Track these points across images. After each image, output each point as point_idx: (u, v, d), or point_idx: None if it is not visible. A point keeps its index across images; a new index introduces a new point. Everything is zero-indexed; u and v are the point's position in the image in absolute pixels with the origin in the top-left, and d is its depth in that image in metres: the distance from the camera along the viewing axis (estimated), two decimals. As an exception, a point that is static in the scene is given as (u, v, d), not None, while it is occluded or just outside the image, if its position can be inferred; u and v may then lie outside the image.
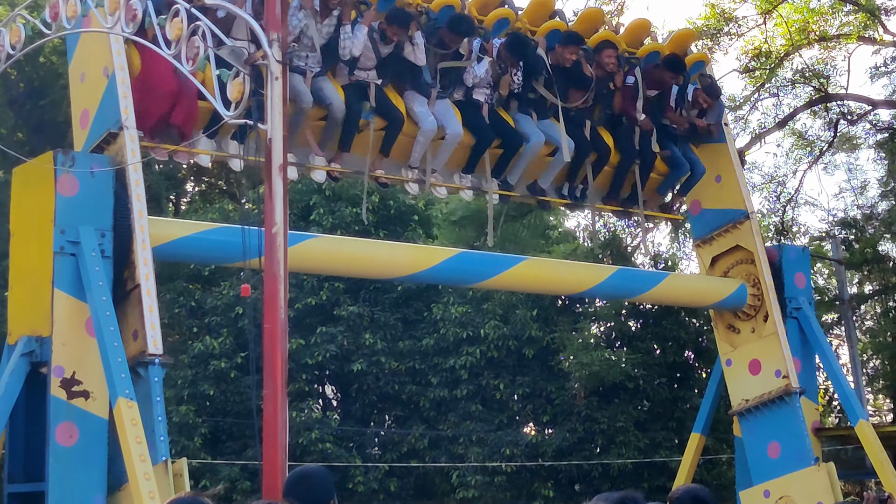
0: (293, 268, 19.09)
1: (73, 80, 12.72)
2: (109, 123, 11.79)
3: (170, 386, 28.74)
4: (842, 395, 16.91)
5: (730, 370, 16.61)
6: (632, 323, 30.77)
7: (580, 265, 19.09)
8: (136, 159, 11.65)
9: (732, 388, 16.58)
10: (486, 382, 29.14)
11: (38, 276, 11.60)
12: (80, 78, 12.40)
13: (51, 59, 33.12)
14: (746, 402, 16.17)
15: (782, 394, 15.67)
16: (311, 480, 6.26)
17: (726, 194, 16.27)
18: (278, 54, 8.41)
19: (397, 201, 31.16)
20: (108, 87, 11.76)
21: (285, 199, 8.46)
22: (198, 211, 33.56)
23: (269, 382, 8.25)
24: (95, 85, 12.01)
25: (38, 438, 11.44)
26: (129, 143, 11.61)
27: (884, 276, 30.92)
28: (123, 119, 11.57)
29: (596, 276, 16.64)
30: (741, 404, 16.25)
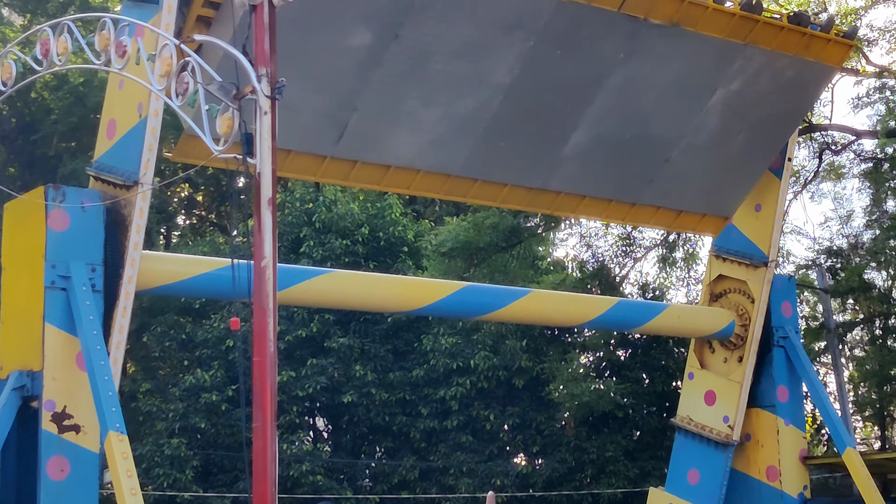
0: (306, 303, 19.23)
1: (112, 83, 12.55)
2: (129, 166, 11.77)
3: (161, 419, 28.68)
4: (829, 422, 16.97)
5: (689, 383, 16.85)
6: (620, 352, 30.75)
7: (583, 297, 19.14)
8: (142, 220, 11.72)
9: (684, 400, 16.85)
10: (477, 413, 29.10)
11: (29, 311, 11.59)
12: (118, 85, 12.26)
13: (42, 95, 33.14)
14: (691, 421, 16.43)
15: (722, 440, 16.00)
16: None
17: (758, 228, 16.31)
18: (267, 89, 8.42)
19: (387, 233, 31.19)
20: (136, 126, 11.73)
21: (274, 233, 8.46)
22: (188, 244, 33.51)
23: (258, 415, 8.23)
24: (128, 110, 11.95)
25: (29, 472, 11.40)
26: (140, 202, 11.67)
27: (870, 305, 30.96)
28: (141, 175, 11.63)
29: (598, 307, 16.73)
30: (685, 420, 16.52)
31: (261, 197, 8.42)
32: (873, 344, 31.94)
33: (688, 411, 16.77)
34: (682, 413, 16.86)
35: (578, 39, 13.87)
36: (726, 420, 16.19)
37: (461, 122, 14.21)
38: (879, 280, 31.37)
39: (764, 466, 16.21)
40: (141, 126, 11.61)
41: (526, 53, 13.71)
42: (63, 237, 11.50)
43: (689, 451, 16.60)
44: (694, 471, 16.41)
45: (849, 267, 30.10)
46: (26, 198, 11.91)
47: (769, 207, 16.26)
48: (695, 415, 16.61)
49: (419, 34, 13.08)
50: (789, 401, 16.33)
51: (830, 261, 30.21)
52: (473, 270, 27.19)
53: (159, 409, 29.09)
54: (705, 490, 16.16)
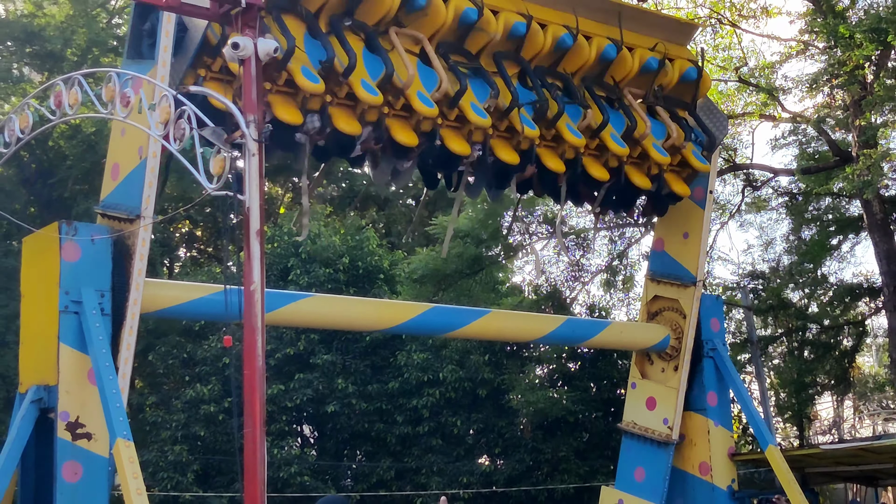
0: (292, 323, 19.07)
1: (115, 130, 12.43)
2: (132, 203, 11.72)
3: (165, 428, 28.55)
4: (753, 423, 16.98)
5: (632, 392, 16.89)
6: (571, 365, 30.81)
7: (536, 316, 19.12)
8: (144, 249, 11.66)
9: (628, 407, 16.89)
10: (445, 420, 29.06)
11: (45, 333, 11.51)
12: (120, 132, 12.16)
13: (58, 143, 33.04)
14: (635, 425, 16.48)
15: (663, 440, 16.04)
16: None
17: (687, 253, 16.30)
18: (255, 134, 8.40)
19: (365, 262, 31.20)
20: (138, 167, 11.68)
21: (262, 261, 8.42)
22: (188, 273, 33.41)
23: (248, 422, 8.19)
24: (130, 153, 11.89)
25: (46, 476, 11.32)
26: (142, 233, 11.61)
27: (788, 321, 31.13)
28: (143, 209, 11.56)
29: (550, 325, 16.72)
30: (630, 424, 16.58)
31: (249, 229, 8.40)
32: (791, 355, 32.12)
33: (632, 417, 16.78)
34: (627, 419, 16.86)
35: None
36: (666, 422, 16.20)
37: None
38: (796, 299, 31.57)
39: (697, 463, 16.20)
40: (141, 166, 11.57)
41: None
42: (75, 267, 11.45)
43: (634, 452, 16.59)
44: (640, 469, 16.41)
45: (769, 288, 30.31)
46: (42, 232, 11.85)
47: (695, 235, 16.29)
48: (638, 419, 16.63)
49: None
50: (718, 405, 16.34)
51: (753, 283, 30.40)
52: (441, 294, 27.21)
53: (164, 419, 28.98)
54: (650, 486, 16.16)
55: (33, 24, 33.24)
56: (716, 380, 16.38)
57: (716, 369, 16.43)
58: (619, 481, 16.76)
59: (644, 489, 16.17)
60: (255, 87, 8.57)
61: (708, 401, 16.27)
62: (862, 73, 21.23)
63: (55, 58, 32.07)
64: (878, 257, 24.23)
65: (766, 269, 31.00)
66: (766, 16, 27.05)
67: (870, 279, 29.85)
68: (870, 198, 23.19)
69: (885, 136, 20.33)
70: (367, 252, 31.71)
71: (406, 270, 29.61)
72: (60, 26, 33.22)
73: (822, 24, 20.74)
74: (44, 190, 33.22)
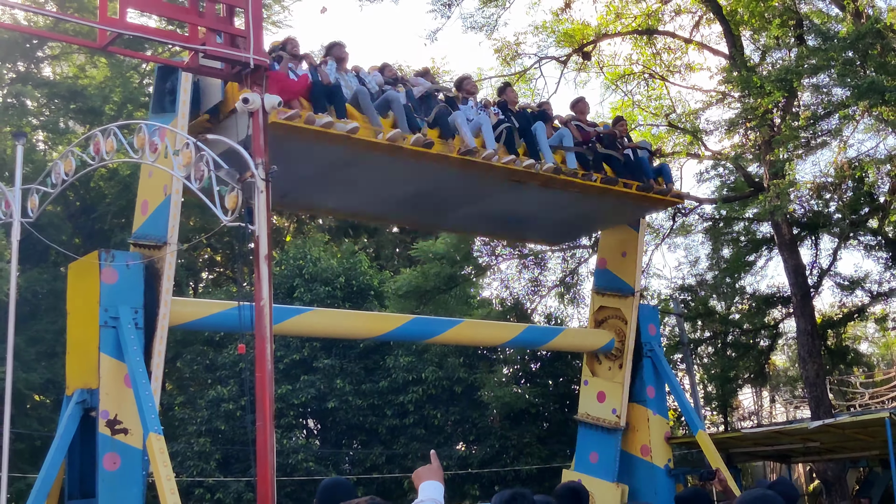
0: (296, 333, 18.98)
1: (143, 173, 12.41)
2: (159, 232, 11.69)
3: (191, 423, 28.39)
4: (685, 412, 17.04)
5: (585, 388, 16.94)
6: (532, 365, 30.78)
7: (502, 324, 19.13)
8: (171, 271, 11.64)
9: (582, 401, 16.95)
10: (427, 413, 28.98)
11: (88, 344, 11.47)
12: (148, 174, 12.17)
13: (98, 184, 32.97)
14: (588, 415, 16.54)
15: (612, 426, 16.07)
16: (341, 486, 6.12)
17: (625, 269, 16.40)
18: (262, 174, 8.40)
19: (358, 281, 31.15)
20: (163, 202, 11.67)
21: (270, 281, 8.42)
22: (210, 293, 33.30)
23: (260, 416, 8.16)
24: (156, 191, 11.87)
25: (89, 465, 11.26)
26: (169, 258, 11.59)
27: (713, 326, 31.22)
28: (169, 237, 11.57)
29: (513, 331, 16.78)
30: (584, 416, 16.63)
31: (259, 254, 8.38)
32: (716, 354, 32.20)
33: (585, 409, 16.80)
34: (582, 411, 16.88)
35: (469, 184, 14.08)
36: (614, 412, 16.22)
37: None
38: (719, 308, 31.65)
39: (639, 446, 16.23)
40: (167, 201, 11.56)
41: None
42: (113, 288, 11.42)
43: (589, 439, 16.60)
44: (594, 453, 16.43)
45: (697, 298, 30.39)
46: (85, 260, 11.83)
47: (632, 253, 16.40)
48: (591, 411, 16.64)
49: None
50: (656, 397, 16.39)
51: (683, 294, 30.46)
52: (422, 307, 27.17)
53: (190, 416, 28.80)
54: (603, 466, 16.19)
55: (77, 84, 33.19)
56: (654, 376, 16.45)
57: (653, 367, 16.50)
58: (577, 464, 16.76)
59: (598, 470, 16.20)
60: (263, 135, 8.58)
61: (647, 393, 16.32)
62: (771, 116, 21.39)
63: (95, 112, 32.00)
64: (787, 271, 24.33)
65: (694, 283, 31.08)
66: (690, 71, 27.31)
67: (781, 289, 29.98)
68: (780, 220, 23.31)
69: (791, 168, 20.43)
70: (360, 272, 31.66)
71: (392, 288, 29.57)
72: (99, 86, 33.19)
73: (737, 77, 20.87)
74: (86, 224, 33.10)
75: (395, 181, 13.57)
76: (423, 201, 14.68)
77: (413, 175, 13.22)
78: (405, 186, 13.84)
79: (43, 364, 28.53)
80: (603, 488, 16.00)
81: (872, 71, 17.58)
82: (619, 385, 16.28)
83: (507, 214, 15.59)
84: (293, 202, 14.72)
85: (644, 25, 26.26)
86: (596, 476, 16.18)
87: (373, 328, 15.18)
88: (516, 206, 15.01)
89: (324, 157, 12.24)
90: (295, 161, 11.78)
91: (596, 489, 15.91)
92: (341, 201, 14.54)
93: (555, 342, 16.92)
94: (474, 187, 13.97)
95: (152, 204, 11.97)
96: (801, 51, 20.34)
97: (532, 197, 14.51)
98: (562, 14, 26.65)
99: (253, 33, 8.68)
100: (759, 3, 22.85)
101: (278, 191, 11.01)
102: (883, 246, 26.43)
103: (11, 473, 11.48)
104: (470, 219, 15.97)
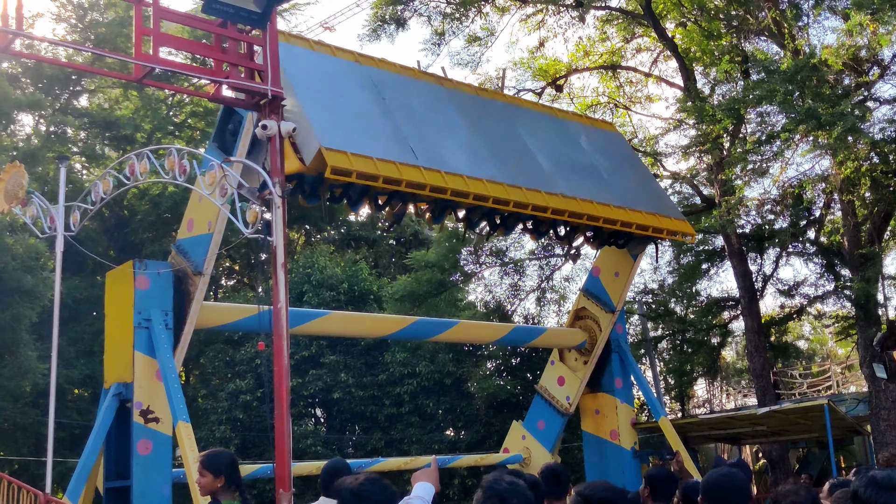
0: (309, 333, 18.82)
1: (194, 196, 11.96)
2: (198, 259, 11.57)
3: (213, 413, 28.26)
4: (649, 400, 17.01)
5: (550, 367, 16.94)
6: (513, 360, 30.74)
7: (491, 325, 19.05)
8: (201, 296, 11.57)
9: (545, 376, 17.07)
10: (421, 402, 28.91)
11: (123, 343, 11.40)
12: (198, 199, 11.85)
13: (132, 203, 32.86)
14: (546, 390, 16.65)
15: (563, 411, 16.31)
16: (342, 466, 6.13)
17: (614, 287, 16.24)
18: (279, 191, 8.34)
19: (359, 286, 31.07)
20: (207, 235, 11.52)
21: (286, 287, 8.35)
22: (229, 298, 33.19)
23: (278, 406, 8.08)
24: (202, 219, 11.70)
25: (125, 450, 11.19)
26: (202, 285, 11.54)
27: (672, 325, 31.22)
28: (205, 268, 11.50)
29: (503, 331, 16.72)
30: (543, 389, 16.82)
31: (276, 262, 8.32)
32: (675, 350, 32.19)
33: (545, 384, 16.78)
34: (543, 384, 16.87)
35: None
36: (568, 399, 16.23)
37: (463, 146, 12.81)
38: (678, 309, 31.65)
39: (608, 430, 16.18)
40: (209, 237, 11.46)
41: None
42: (146, 293, 11.36)
43: (542, 409, 16.64)
44: (542, 421, 16.51)
45: (658, 300, 30.36)
46: (120, 268, 11.77)
47: (623, 276, 16.25)
48: (549, 387, 16.64)
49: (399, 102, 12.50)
50: (623, 387, 16.35)
51: (646, 297, 30.44)
52: (416, 310, 27.08)
53: (212, 406, 28.68)
54: (546, 436, 16.34)
55: (111, 115, 33.08)
56: (620, 369, 16.41)
57: (620, 361, 16.46)
58: (526, 422, 16.83)
59: (542, 436, 16.32)
60: (280, 157, 8.52)
61: (615, 384, 16.28)
62: (721, 140, 21.41)
63: (127, 140, 31.90)
64: (736, 277, 24.33)
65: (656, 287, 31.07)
66: (650, 101, 27.36)
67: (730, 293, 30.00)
68: (730, 233, 23.33)
69: (740, 188, 20.43)
70: (361, 279, 31.60)
71: (390, 292, 29.49)
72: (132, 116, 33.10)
73: (691, 106, 20.90)
74: (120, 237, 32.98)
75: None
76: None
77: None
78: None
79: (82, 361, 28.38)
80: (540, 452, 16.17)
81: (810, 100, 17.61)
82: (579, 378, 16.25)
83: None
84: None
85: (609, 61, 26.30)
86: (538, 440, 16.34)
87: (382, 329, 15.19)
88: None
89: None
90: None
91: (535, 450, 16.23)
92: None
93: (538, 340, 16.86)
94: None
95: (198, 228, 11.84)
96: (747, 83, 20.36)
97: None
98: (536, 52, 26.70)
99: (270, 67, 8.62)
100: (709, 42, 22.92)
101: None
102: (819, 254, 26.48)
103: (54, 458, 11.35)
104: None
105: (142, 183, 10.30)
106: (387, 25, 24.51)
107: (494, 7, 25.77)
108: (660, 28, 23.17)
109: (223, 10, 8.25)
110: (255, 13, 8.37)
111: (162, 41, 8.25)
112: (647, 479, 6.25)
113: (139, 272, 11.37)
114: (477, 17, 25.98)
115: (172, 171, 9.37)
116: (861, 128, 17.14)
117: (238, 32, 8.81)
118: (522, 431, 16.74)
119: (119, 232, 33.00)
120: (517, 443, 16.79)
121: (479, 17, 26.02)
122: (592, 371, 16.27)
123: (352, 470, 5.81)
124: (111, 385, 11.35)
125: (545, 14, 25.85)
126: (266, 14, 8.45)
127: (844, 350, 40.44)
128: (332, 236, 39.76)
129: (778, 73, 17.93)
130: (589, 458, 16.37)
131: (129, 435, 11.07)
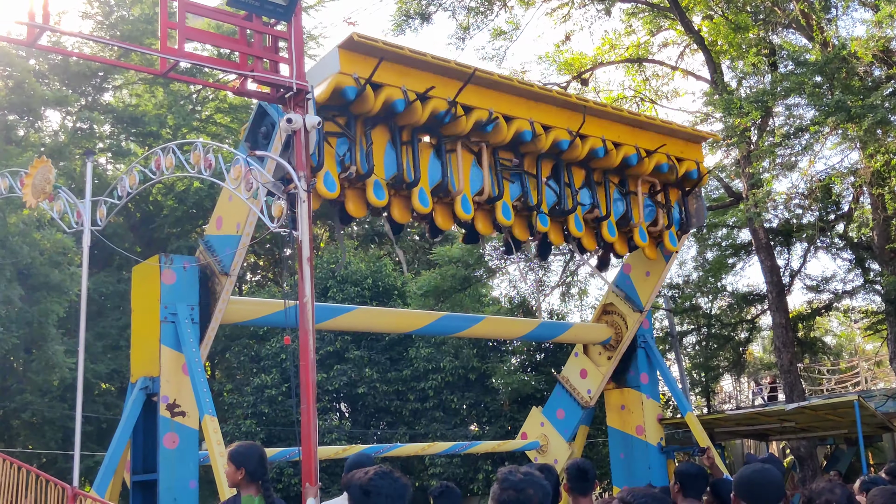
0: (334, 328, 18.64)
1: (224, 194, 11.82)
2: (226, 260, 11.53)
3: (239, 407, 28.36)
4: (675, 396, 16.82)
5: (573, 358, 16.71)
6: (538, 355, 30.65)
7: (518, 320, 18.84)
8: (227, 297, 11.50)
9: (568, 366, 16.75)
10: (445, 397, 28.88)
11: (150, 337, 11.40)
12: (228, 198, 11.67)
13: (157, 198, 33.01)
14: (568, 381, 16.42)
15: (583, 403, 16.08)
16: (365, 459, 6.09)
17: (644, 287, 16.00)
18: (304, 185, 8.30)
19: (383, 282, 31.07)
20: (235, 236, 11.46)
21: (312, 282, 8.30)
22: (254, 293, 33.30)
23: (304, 401, 8.05)
24: (231, 222, 11.60)
25: (152, 444, 11.20)
26: (228, 286, 11.49)
27: (698, 320, 31.03)
28: (231, 269, 11.46)
29: (529, 326, 16.53)
30: (565, 379, 16.53)
31: (302, 257, 8.28)
32: (700, 345, 31.99)
33: (568, 374, 16.62)
34: (565, 374, 16.71)
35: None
36: (589, 392, 16.09)
37: None
38: (703, 304, 31.46)
39: (634, 426, 16.03)
40: (237, 238, 11.40)
41: None
42: (172, 288, 11.34)
43: (562, 398, 16.48)
44: (562, 410, 16.37)
45: (684, 296, 30.19)
46: (147, 263, 11.76)
47: (654, 276, 16.02)
48: (571, 378, 16.48)
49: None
50: (649, 383, 16.17)
51: (672, 292, 30.28)
52: (440, 305, 27.08)
53: (237, 401, 28.78)
54: (565, 426, 16.17)
55: (137, 111, 33.25)
56: (647, 364, 16.23)
57: (647, 356, 16.29)
58: (546, 410, 16.67)
59: (560, 425, 16.17)
60: (305, 151, 8.47)
61: (641, 380, 16.12)
62: (749, 134, 21.21)
63: (153, 135, 32.08)
64: (764, 272, 24.12)
65: (681, 282, 30.89)
66: (676, 95, 27.19)
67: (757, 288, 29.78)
68: (757, 227, 23.12)
69: (768, 182, 20.23)
70: (385, 275, 31.60)
71: (414, 288, 29.48)
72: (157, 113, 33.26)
73: (718, 100, 20.72)
74: (146, 232, 33.15)
75: None
76: None
77: None
78: None
79: (108, 356, 28.57)
80: (558, 441, 16.04)
81: (839, 92, 17.39)
82: (602, 374, 16.10)
83: None
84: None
85: (635, 55, 26.14)
86: (556, 428, 16.19)
87: (409, 324, 15.07)
88: None
89: None
90: None
91: (553, 438, 16.10)
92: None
93: (564, 336, 16.67)
94: None
95: (226, 227, 11.79)
96: (774, 75, 20.15)
97: None
98: (562, 45, 26.57)
99: (295, 60, 8.58)
100: (737, 35, 22.69)
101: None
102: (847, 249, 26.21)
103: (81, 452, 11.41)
104: None
105: (167, 178, 10.28)
106: (412, 20, 24.49)
107: (520, 0, 25.67)
108: (686, 21, 22.97)
109: (248, 3, 8.22)
110: (280, 6, 8.33)
111: (187, 35, 8.22)
112: (677, 474, 6.16)
113: (165, 266, 11.36)
114: (502, 10, 25.89)
115: (198, 166, 9.34)
116: (892, 120, 16.91)
117: (263, 25, 8.78)
118: (542, 418, 16.64)
119: (145, 227, 33.19)
120: (536, 429, 16.72)
121: (504, 10, 25.94)
122: (618, 366, 16.13)
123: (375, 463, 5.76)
124: (138, 379, 11.36)
125: (571, 7, 25.73)
126: (291, 7, 8.41)
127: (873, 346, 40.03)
128: (357, 232, 39.79)
129: (807, 65, 17.72)
130: (614, 454, 16.24)
131: (155, 429, 11.07)
